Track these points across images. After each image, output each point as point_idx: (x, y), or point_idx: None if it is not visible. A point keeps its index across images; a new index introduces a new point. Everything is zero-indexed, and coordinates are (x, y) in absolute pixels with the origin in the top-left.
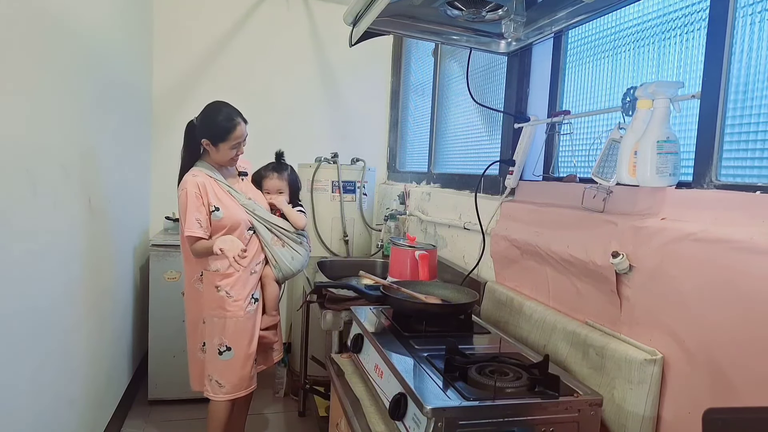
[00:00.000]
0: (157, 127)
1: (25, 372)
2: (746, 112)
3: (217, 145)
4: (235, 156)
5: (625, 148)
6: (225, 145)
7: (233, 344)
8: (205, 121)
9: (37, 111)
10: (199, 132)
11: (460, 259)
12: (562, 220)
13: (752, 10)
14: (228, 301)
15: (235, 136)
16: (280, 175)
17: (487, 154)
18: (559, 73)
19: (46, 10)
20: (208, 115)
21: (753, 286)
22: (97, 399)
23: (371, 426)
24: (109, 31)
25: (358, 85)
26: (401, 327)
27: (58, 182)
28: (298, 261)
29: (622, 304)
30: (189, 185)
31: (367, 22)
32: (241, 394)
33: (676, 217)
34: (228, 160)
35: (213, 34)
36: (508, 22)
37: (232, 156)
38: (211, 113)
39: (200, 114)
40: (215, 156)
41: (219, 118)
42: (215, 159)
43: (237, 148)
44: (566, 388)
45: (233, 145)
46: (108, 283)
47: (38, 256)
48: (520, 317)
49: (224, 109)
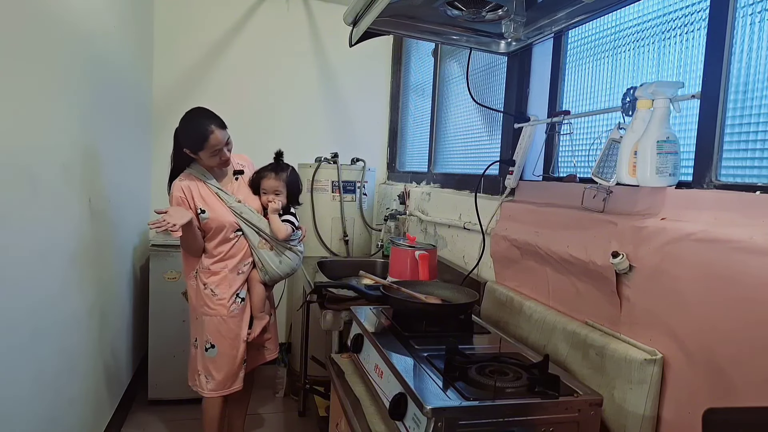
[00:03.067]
0: (157, 127)
1: (25, 372)
2: (746, 112)
3: (197, 154)
4: (220, 161)
5: (625, 148)
6: (204, 154)
7: (216, 342)
8: (182, 133)
9: (37, 111)
10: (179, 142)
11: (460, 259)
12: (562, 220)
13: (752, 10)
14: (213, 299)
15: (210, 145)
16: (277, 175)
17: (487, 154)
18: (559, 73)
19: (46, 11)
20: (184, 126)
21: (753, 286)
22: (97, 399)
23: (371, 426)
24: (110, 31)
25: (358, 85)
26: (401, 327)
27: (58, 182)
28: (287, 265)
29: (622, 304)
30: (175, 189)
31: (367, 22)
32: (224, 392)
33: (676, 217)
34: (216, 165)
35: (213, 34)
36: (508, 22)
37: (216, 162)
38: (185, 124)
39: (179, 122)
40: (202, 162)
41: (192, 129)
42: (204, 164)
43: (217, 154)
44: (566, 388)
45: (212, 153)
46: (108, 283)
47: (38, 256)
48: (520, 317)
49: (197, 120)
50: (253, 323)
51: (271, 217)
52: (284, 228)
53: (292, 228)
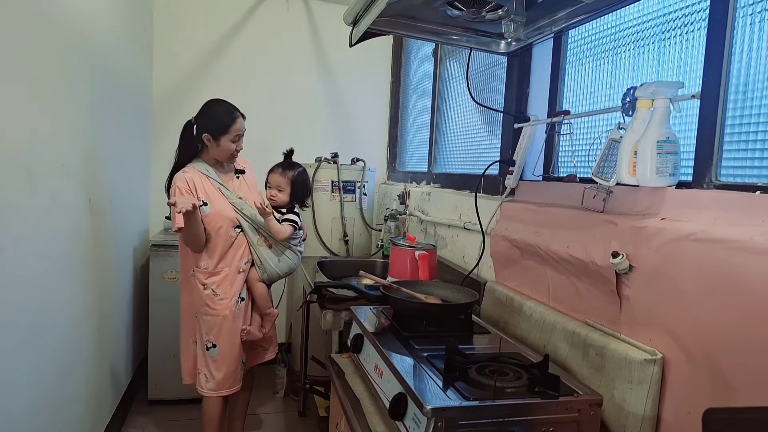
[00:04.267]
0: (157, 127)
1: (25, 372)
2: (746, 112)
3: (218, 138)
4: (235, 150)
5: (625, 148)
6: (226, 138)
7: (218, 342)
8: (206, 116)
9: (37, 111)
10: (199, 127)
11: (460, 259)
12: (562, 220)
13: (752, 10)
14: (214, 299)
15: (235, 128)
16: (284, 172)
17: (487, 154)
18: (559, 73)
19: (46, 11)
20: (208, 110)
21: (753, 285)
22: (97, 399)
23: (371, 426)
24: (110, 30)
25: (358, 85)
26: (401, 327)
27: (58, 182)
28: (285, 264)
29: (622, 304)
30: (178, 181)
31: (367, 22)
32: (224, 392)
33: (676, 217)
34: (228, 155)
35: (213, 34)
36: (508, 22)
37: (233, 150)
38: (211, 108)
39: (199, 111)
40: (215, 151)
41: (219, 111)
42: (215, 155)
43: (237, 141)
44: (566, 388)
45: (233, 138)
46: (108, 283)
47: (38, 256)
48: (520, 317)
49: (224, 104)
50: (264, 320)
51: (267, 220)
52: (283, 229)
53: (293, 228)
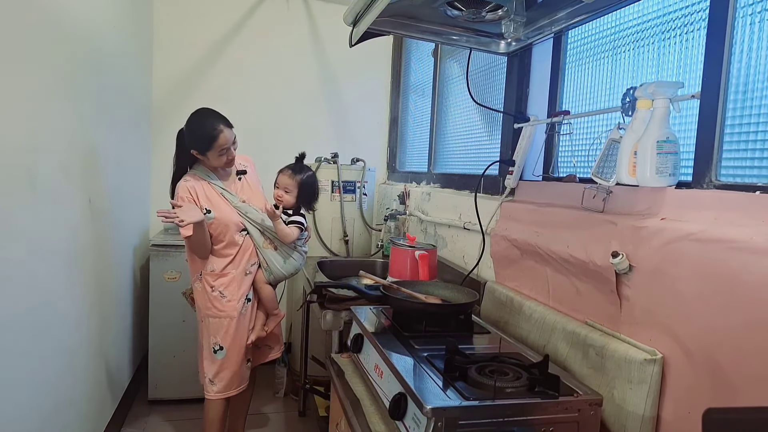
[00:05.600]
0: (157, 127)
1: (25, 372)
2: (746, 112)
3: (204, 154)
4: (226, 161)
5: (624, 148)
6: (212, 153)
7: (225, 344)
8: (190, 133)
9: (37, 111)
10: (186, 143)
11: (460, 259)
12: (562, 220)
13: (752, 10)
14: (222, 301)
15: (219, 144)
16: (293, 174)
17: (487, 154)
18: (558, 73)
19: (46, 11)
20: (191, 127)
21: (753, 285)
22: (97, 399)
23: (371, 426)
24: (110, 31)
25: (358, 85)
26: (401, 327)
27: (58, 182)
28: (291, 265)
29: (622, 304)
30: (181, 191)
31: (367, 22)
32: (232, 393)
33: (676, 217)
34: (222, 165)
35: (213, 34)
36: (508, 22)
37: (223, 162)
38: (193, 125)
39: (186, 124)
40: (207, 163)
41: (200, 130)
42: (209, 165)
43: (225, 153)
44: (566, 388)
45: (220, 152)
46: (108, 284)
47: (38, 256)
48: (520, 317)
49: (205, 120)
50: (269, 320)
51: (275, 223)
52: (290, 232)
53: (299, 230)
